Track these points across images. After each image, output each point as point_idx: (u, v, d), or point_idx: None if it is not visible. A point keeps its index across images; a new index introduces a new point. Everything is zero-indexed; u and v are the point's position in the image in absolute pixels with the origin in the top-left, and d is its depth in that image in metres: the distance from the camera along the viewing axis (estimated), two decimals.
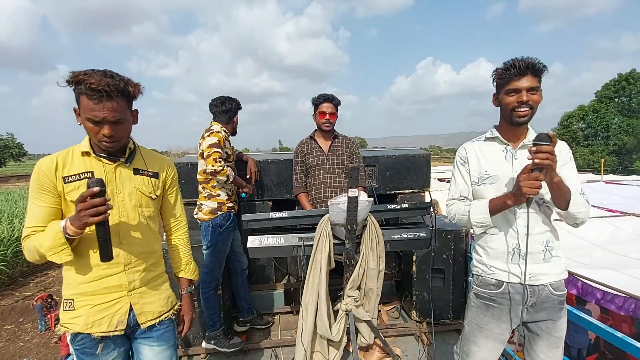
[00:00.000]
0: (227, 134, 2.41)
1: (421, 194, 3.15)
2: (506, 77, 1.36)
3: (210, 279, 2.32)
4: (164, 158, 1.40)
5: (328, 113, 2.52)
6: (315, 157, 2.59)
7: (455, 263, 2.61)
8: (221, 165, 2.20)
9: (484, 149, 1.49)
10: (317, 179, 2.57)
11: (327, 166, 2.57)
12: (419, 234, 1.99)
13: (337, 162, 2.58)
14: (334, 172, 2.57)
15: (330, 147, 2.61)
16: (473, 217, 1.40)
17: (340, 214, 1.80)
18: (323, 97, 2.53)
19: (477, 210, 1.41)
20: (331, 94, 2.56)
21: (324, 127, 2.57)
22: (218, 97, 2.46)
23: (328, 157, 2.58)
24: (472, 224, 1.42)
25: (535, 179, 1.23)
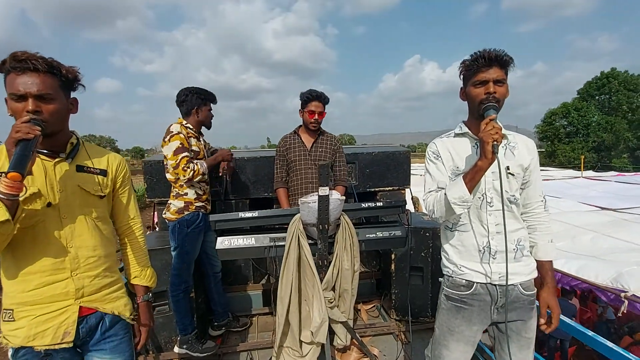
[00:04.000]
0: (192, 130, 2.29)
1: (401, 191, 3.11)
2: (473, 68, 1.32)
3: (179, 282, 2.23)
4: (114, 155, 1.31)
5: (317, 112, 2.43)
6: (297, 152, 2.52)
7: (433, 261, 2.58)
8: (192, 169, 2.11)
9: (455, 145, 1.45)
10: (298, 175, 2.50)
11: (308, 162, 2.50)
12: (394, 233, 1.95)
13: (319, 159, 2.51)
14: (316, 169, 2.50)
15: (314, 144, 2.54)
16: (451, 196, 1.27)
17: (312, 214, 1.74)
18: (313, 95, 2.41)
19: (452, 188, 1.29)
20: (321, 92, 2.44)
21: (311, 127, 2.50)
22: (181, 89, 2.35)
23: (310, 153, 2.51)
24: (452, 204, 1.27)
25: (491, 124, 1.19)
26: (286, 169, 2.55)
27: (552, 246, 1.40)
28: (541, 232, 1.40)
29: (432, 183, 1.44)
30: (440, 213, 1.36)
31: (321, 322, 1.83)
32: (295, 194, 2.50)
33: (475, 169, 1.24)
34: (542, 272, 1.39)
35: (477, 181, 1.26)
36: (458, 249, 1.42)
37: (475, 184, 1.27)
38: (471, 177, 1.25)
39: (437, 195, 1.37)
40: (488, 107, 1.27)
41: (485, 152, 1.19)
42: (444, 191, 1.34)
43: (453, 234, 1.44)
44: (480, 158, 1.22)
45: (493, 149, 1.18)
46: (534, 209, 1.41)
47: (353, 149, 3.07)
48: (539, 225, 1.41)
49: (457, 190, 1.28)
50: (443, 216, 1.36)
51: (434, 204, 1.37)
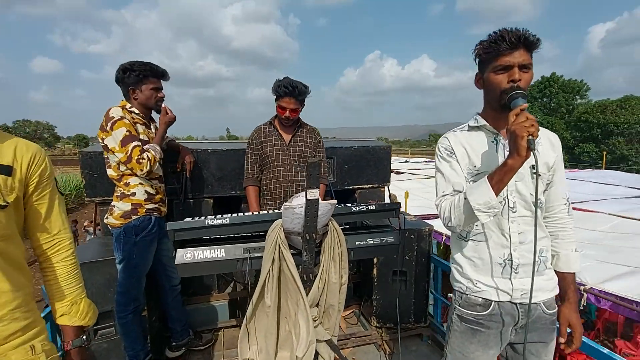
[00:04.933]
0: (139, 115, 1.88)
1: (381, 189, 2.92)
2: (494, 51, 1.10)
3: (127, 301, 1.84)
4: (25, 144, 0.92)
5: (289, 110, 2.09)
6: (274, 146, 2.19)
7: (417, 264, 2.42)
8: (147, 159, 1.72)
9: (470, 140, 1.23)
10: (275, 171, 2.19)
11: (287, 158, 2.19)
12: (386, 239, 1.71)
13: (299, 154, 2.21)
14: (296, 165, 2.20)
15: (293, 137, 2.22)
16: (475, 202, 1.05)
17: (297, 221, 1.45)
18: (284, 90, 2.04)
19: (475, 191, 1.06)
20: (297, 85, 2.04)
21: (284, 123, 2.18)
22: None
23: (289, 147, 2.20)
24: (476, 211, 1.05)
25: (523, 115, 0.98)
26: (259, 165, 2.23)
27: (576, 256, 1.24)
28: (563, 240, 1.24)
29: (446, 185, 1.21)
30: (458, 221, 1.13)
31: (308, 343, 1.56)
32: (270, 193, 2.19)
33: (504, 168, 1.02)
34: (563, 286, 1.23)
35: (506, 183, 1.05)
36: (474, 262, 1.22)
37: (504, 187, 1.06)
38: (499, 178, 1.04)
39: (455, 200, 1.14)
40: (516, 95, 1.06)
41: (519, 148, 0.97)
42: (462, 195, 1.12)
43: (467, 244, 1.24)
44: (511, 155, 1.01)
45: (529, 145, 0.97)
46: (556, 213, 1.24)
47: (331, 142, 2.81)
48: (562, 232, 1.24)
49: (481, 194, 1.06)
50: (461, 225, 1.14)
51: (451, 210, 1.15)
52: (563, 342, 1.23)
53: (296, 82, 2.04)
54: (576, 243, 1.25)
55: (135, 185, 1.82)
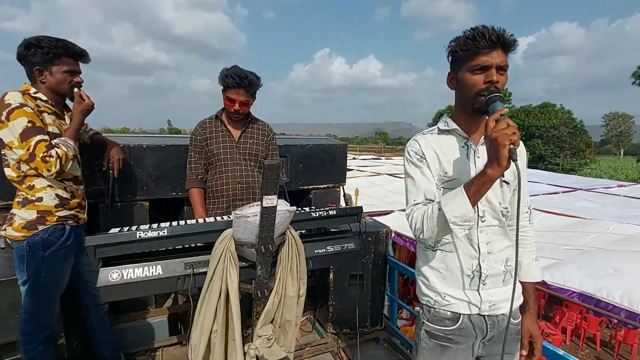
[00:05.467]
0: (46, 102, 1.55)
1: (336, 189, 2.81)
2: (472, 49, 1.03)
3: (35, 329, 1.51)
4: None
5: (238, 102, 1.86)
6: (221, 143, 1.95)
7: (374, 267, 2.36)
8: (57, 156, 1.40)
9: (441, 144, 1.15)
10: (222, 172, 1.95)
11: (236, 157, 1.96)
12: (347, 246, 1.60)
13: (250, 152, 1.99)
14: (246, 165, 1.98)
15: (243, 134, 1.99)
16: (451, 214, 0.96)
17: (250, 231, 1.26)
18: (233, 81, 1.80)
19: (451, 202, 0.98)
20: (247, 75, 1.82)
21: (232, 117, 1.95)
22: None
23: (239, 145, 1.97)
24: (451, 224, 0.97)
25: (505, 121, 0.91)
26: (204, 164, 1.98)
27: (537, 265, 1.23)
28: (525, 249, 1.21)
29: (417, 193, 1.12)
30: (431, 233, 1.04)
31: None
32: (217, 196, 1.95)
33: (483, 178, 0.94)
34: (524, 296, 1.21)
35: (483, 194, 0.98)
36: (441, 274, 1.15)
37: (481, 198, 0.99)
38: (477, 188, 0.96)
39: (428, 211, 1.05)
40: (495, 98, 0.99)
41: (500, 157, 0.90)
42: (436, 205, 1.03)
43: (435, 255, 1.16)
44: (490, 165, 0.93)
45: (510, 154, 0.90)
46: (519, 221, 1.21)
47: (284, 140, 2.63)
48: (524, 240, 1.22)
49: (458, 205, 0.97)
50: (434, 237, 1.05)
51: (424, 222, 1.05)
52: (525, 354, 1.21)
53: (246, 72, 1.83)
54: (536, 252, 1.24)
55: (42, 189, 1.48)
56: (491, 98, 1.00)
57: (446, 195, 1.03)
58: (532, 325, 1.20)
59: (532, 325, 1.20)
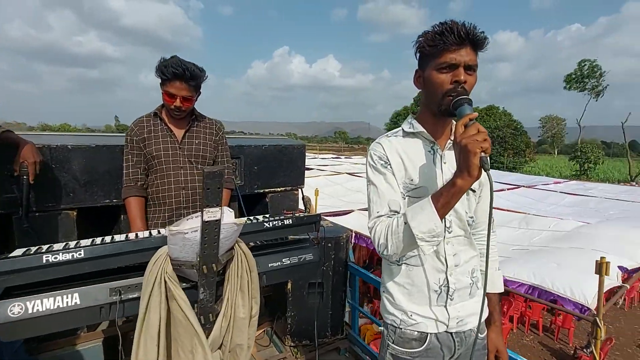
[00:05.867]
0: None
1: (294, 192, 2.67)
2: (438, 45, 0.94)
3: None
4: None
5: (179, 97, 1.63)
6: (161, 144, 1.71)
7: (335, 274, 2.26)
8: None
9: (406, 148, 1.05)
10: (164, 176, 1.72)
11: (179, 160, 1.74)
12: (305, 257, 1.47)
13: (195, 153, 1.77)
14: (192, 168, 1.76)
15: (187, 133, 1.77)
16: (418, 229, 0.87)
17: (189, 248, 1.08)
18: (172, 72, 1.58)
19: (418, 216, 0.89)
20: (187, 66, 1.61)
21: (173, 115, 1.72)
22: None
23: (182, 147, 1.75)
24: (419, 240, 0.88)
25: (475, 127, 0.83)
26: (143, 168, 1.73)
27: (499, 275, 1.18)
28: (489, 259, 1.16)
29: (381, 203, 1.01)
30: (396, 249, 0.94)
31: None
32: (159, 204, 1.73)
33: (453, 189, 0.85)
34: (489, 308, 1.16)
35: (453, 206, 0.89)
36: (407, 289, 1.05)
37: (450, 210, 0.90)
38: (446, 200, 0.87)
39: (392, 225, 0.94)
40: (462, 101, 0.91)
41: (470, 167, 0.81)
42: (401, 219, 0.93)
43: (399, 270, 1.07)
44: (460, 175, 0.84)
45: (482, 163, 0.82)
46: (482, 229, 1.16)
47: (237, 140, 2.44)
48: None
49: (425, 220, 0.87)
50: (399, 253, 0.95)
51: (388, 237, 0.94)
52: None
53: (187, 63, 1.61)
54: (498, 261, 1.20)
55: None
56: (459, 101, 0.91)
57: (412, 208, 0.92)
58: (498, 338, 1.15)
59: (498, 338, 1.15)
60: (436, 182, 1.02)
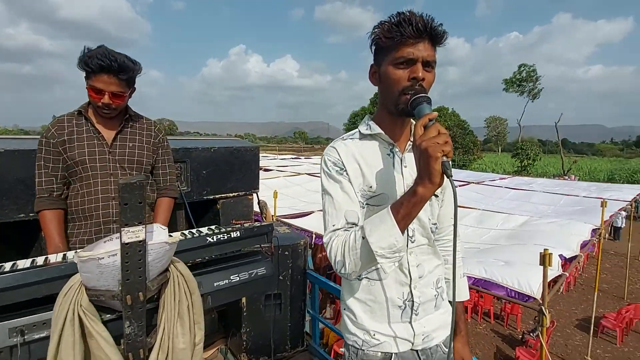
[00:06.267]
0: None
1: (248, 197, 2.50)
2: (396, 37, 0.85)
3: None
4: None
5: (108, 93, 1.39)
6: (87, 148, 1.46)
7: (293, 283, 2.13)
8: None
9: (363, 151, 0.95)
10: (91, 185, 1.47)
11: (109, 165, 1.50)
12: (256, 272, 1.32)
13: (129, 159, 1.53)
14: (124, 175, 1.52)
15: (119, 135, 1.52)
16: (377, 245, 0.78)
17: (108, 276, 0.89)
18: (98, 63, 1.34)
19: (377, 230, 0.79)
20: (117, 58, 1.37)
21: (102, 114, 1.47)
22: None
23: (113, 150, 1.51)
24: (378, 257, 0.79)
25: (435, 128, 0.75)
26: (62, 176, 1.48)
27: (465, 282, 1.13)
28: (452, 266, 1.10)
29: (337, 215, 0.90)
30: (354, 267, 0.83)
31: None
32: (84, 217, 1.48)
33: (414, 199, 0.76)
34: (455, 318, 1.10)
35: (414, 217, 0.80)
36: (369, 306, 0.96)
37: (412, 221, 0.81)
38: (407, 211, 0.77)
39: (349, 240, 0.84)
40: (420, 100, 0.82)
41: (432, 173, 0.73)
42: (359, 233, 0.83)
43: (360, 284, 0.97)
44: (421, 182, 0.75)
45: (444, 169, 0.74)
46: (445, 235, 1.09)
47: (182, 142, 2.21)
48: (451, 256, 1.10)
49: (385, 234, 0.78)
50: (358, 271, 0.85)
51: (345, 254, 0.84)
52: None
53: (117, 54, 1.39)
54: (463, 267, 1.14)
55: None
56: (417, 99, 0.83)
57: (371, 220, 0.82)
58: (464, 349, 1.09)
59: (464, 349, 1.09)
60: (396, 188, 0.93)
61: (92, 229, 1.49)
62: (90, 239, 1.48)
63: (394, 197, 0.90)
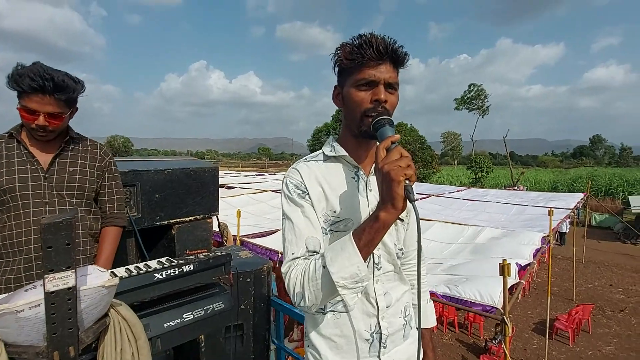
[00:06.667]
0: None
1: (207, 220, 2.36)
2: (358, 59, 0.84)
3: None
4: None
5: (43, 115, 1.26)
6: (18, 174, 1.30)
7: (256, 312, 2.01)
8: None
9: (327, 174, 0.92)
10: (21, 215, 1.30)
11: (45, 192, 1.33)
12: (213, 307, 1.22)
13: (68, 185, 1.38)
14: (62, 204, 1.36)
15: (57, 159, 1.37)
16: (338, 275, 0.74)
17: (31, 329, 0.76)
18: (30, 84, 1.21)
19: (339, 260, 0.75)
20: (53, 76, 1.24)
21: (36, 136, 1.32)
22: None
23: (49, 176, 1.34)
24: (340, 288, 0.74)
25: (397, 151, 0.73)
26: None
27: (431, 308, 1.11)
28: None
29: (297, 242, 0.84)
30: (314, 299, 0.78)
31: None
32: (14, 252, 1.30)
33: (376, 225, 0.73)
34: (423, 346, 1.06)
35: (377, 244, 0.77)
36: (335, 342, 0.90)
37: (375, 248, 0.78)
38: (369, 238, 0.74)
39: (309, 270, 0.79)
40: (383, 122, 0.81)
41: (395, 198, 0.71)
42: (319, 261, 0.78)
43: (324, 318, 0.91)
44: (383, 207, 0.73)
45: (407, 193, 0.71)
46: (411, 259, 1.07)
47: (132, 164, 2.06)
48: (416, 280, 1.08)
49: (347, 262, 0.74)
50: (318, 304, 0.79)
51: (304, 285, 0.78)
52: None
53: (54, 71, 1.25)
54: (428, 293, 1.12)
55: None
56: (379, 121, 0.81)
57: (332, 248, 0.78)
58: None
59: None
60: (362, 213, 0.90)
61: (21, 265, 1.31)
62: (18, 277, 1.30)
63: (358, 222, 0.87)
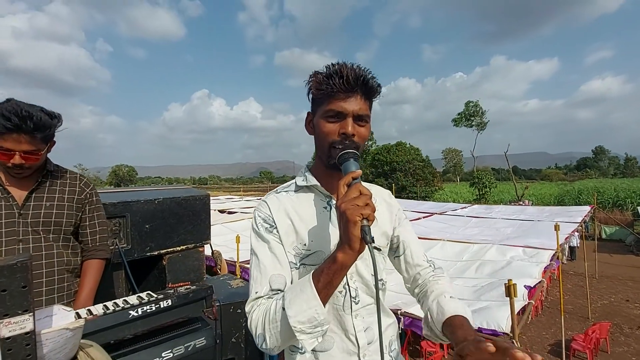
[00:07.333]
0: None
1: (199, 249, 2.32)
2: (327, 90, 0.82)
3: None
4: None
5: (19, 154, 1.24)
6: None
7: (248, 345, 1.92)
8: None
9: (298, 206, 0.89)
10: None
11: (19, 229, 1.31)
12: (194, 344, 1.16)
13: (44, 221, 1.36)
14: (37, 241, 1.34)
15: (34, 194, 1.36)
16: (295, 319, 0.70)
17: None
18: (6, 122, 1.18)
19: (296, 303, 0.71)
20: (32, 114, 1.22)
21: (13, 174, 1.31)
22: None
23: (24, 212, 1.33)
24: (297, 333, 0.70)
25: (356, 189, 0.70)
26: None
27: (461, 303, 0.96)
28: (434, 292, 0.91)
29: (261, 280, 0.80)
30: (275, 341, 0.73)
31: None
32: None
33: (334, 266, 0.70)
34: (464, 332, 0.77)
35: (337, 285, 0.74)
36: None
37: (334, 290, 0.74)
38: (327, 279, 0.71)
39: (270, 311, 0.74)
40: (347, 156, 0.79)
41: (351, 239, 0.67)
42: (281, 301, 0.74)
43: (304, 358, 0.85)
44: (341, 247, 0.70)
45: (363, 235, 0.67)
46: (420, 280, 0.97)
47: (121, 195, 2.04)
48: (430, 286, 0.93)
49: (304, 306, 0.70)
50: (280, 347, 0.75)
51: (265, 326, 0.74)
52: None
53: (29, 109, 1.24)
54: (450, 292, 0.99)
55: None
56: (342, 156, 0.79)
57: (292, 288, 0.74)
58: None
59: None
60: (333, 245, 0.86)
61: None
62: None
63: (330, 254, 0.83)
